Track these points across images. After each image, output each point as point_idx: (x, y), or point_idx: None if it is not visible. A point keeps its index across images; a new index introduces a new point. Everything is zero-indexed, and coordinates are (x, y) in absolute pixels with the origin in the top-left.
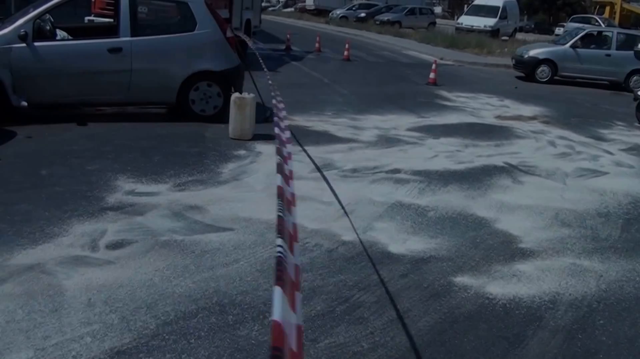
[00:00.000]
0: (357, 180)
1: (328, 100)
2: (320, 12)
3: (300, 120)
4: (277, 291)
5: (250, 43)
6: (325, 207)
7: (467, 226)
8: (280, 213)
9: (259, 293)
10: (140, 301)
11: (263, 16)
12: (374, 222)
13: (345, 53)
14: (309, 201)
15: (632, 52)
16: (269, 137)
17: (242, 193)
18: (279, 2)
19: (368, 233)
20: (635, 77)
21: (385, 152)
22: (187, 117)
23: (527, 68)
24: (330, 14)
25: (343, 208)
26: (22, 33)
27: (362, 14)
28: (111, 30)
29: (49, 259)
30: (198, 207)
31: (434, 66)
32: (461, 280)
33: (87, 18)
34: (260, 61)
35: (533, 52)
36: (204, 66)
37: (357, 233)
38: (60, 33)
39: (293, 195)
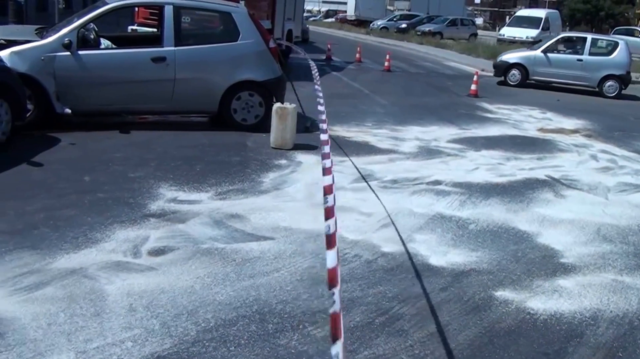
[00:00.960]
0: (397, 191)
1: (368, 110)
2: (360, 23)
3: (341, 131)
4: None
5: (301, 52)
6: (365, 218)
7: (508, 240)
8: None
9: (299, 302)
10: (181, 307)
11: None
12: (414, 234)
13: (386, 64)
14: (348, 211)
15: (605, 58)
16: (309, 147)
17: (282, 203)
18: (319, 12)
19: (408, 244)
20: (609, 83)
21: (426, 163)
22: (228, 126)
23: (500, 72)
24: (371, 25)
25: (390, 217)
26: (66, 42)
27: (403, 25)
28: (155, 40)
29: (91, 264)
30: (239, 216)
31: (475, 77)
32: (502, 294)
33: (130, 27)
34: (315, 72)
35: (505, 57)
36: (246, 76)
37: (398, 244)
38: (105, 42)
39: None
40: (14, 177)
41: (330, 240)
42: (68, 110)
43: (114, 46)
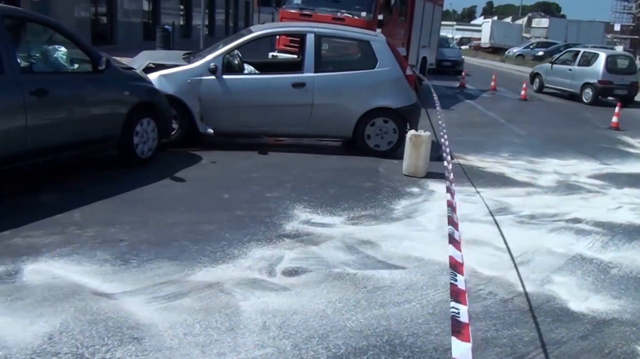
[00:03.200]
0: (534, 227)
1: (504, 140)
2: (495, 50)
3: (475, 161)
4: None
5: (424, 78)
6: (500, 254)
7: None
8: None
9: (430, 337)
10: (312, 330)
11: None
12: (552, 275)
13: (522, 92)
14: (483, 246)
15: (588, 68)
16: (442, 176)
17: (414, 232)
18: (453, 39)
19: (546, 286)
20: (586, 90)
21: (565, 199)
22: (360, 152)
23: (531, 79)
24: (506, 52)
25: (527, 254)
26: (212, 67)
27: (540, 53)
28: (295, 66)
29: (227, 279)
30: (370, 242)
31: (616, 109)
32: None
33: (271, 54)
34: (435, 99)
35: (535, 68)
36: (382, 102)
37: (535, 285)
38: (248, 67)
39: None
40: (158, 191)
41: (456, 267)
42: (210, 130)
43: (256, 71)
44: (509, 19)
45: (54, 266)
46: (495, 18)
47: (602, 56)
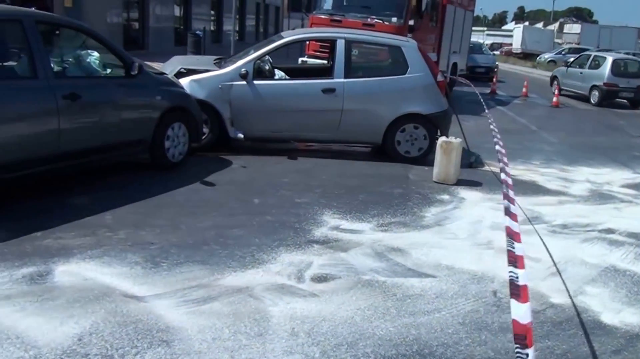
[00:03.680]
0: (567, 237)
1: (535, 148)
2: (527, 56)
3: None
4: None
5: (470, 84)
6: (532, 263)
7: None
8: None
9: (460, 348)
10: (341, 337)
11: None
12: (585, 286)
13: (554, 99)
14: None
15: (595, 71)
16: (473, 183)
17: (444, 240)
18: (484, 44)
19: (579, 297)
20: (593, 92)
21: (598, 208)
22: (390, 158)
23: (550, 82)
24: (537, 58)
25: (559, 265)
26: (243, 72)
27: (572, 59)
28: (325, 72)
29: (257, 284)
30: (400, 250)
31: None
32: None
33: (300, 59)
34: (484, 107)
35: (554, 71)
36: (412, 109)
37: (568, 296)
38: (279, 73)
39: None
40: (188, 195)
41: (520, 293)
42: (241, 135)
43: (287, 77)
44: (540, 25)
45: (85, 267)
46: (527, 23)
47: (609, 59)
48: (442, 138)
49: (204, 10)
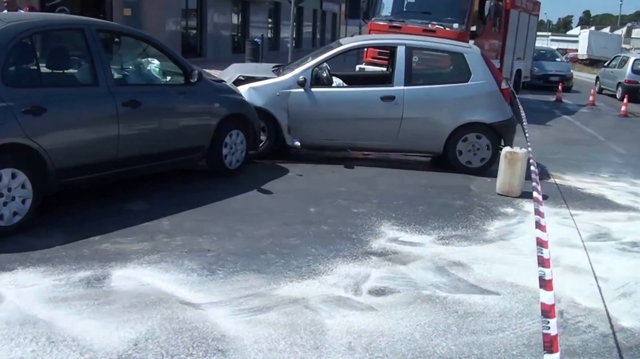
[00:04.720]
0: (637, 255)
1: (603, 159)
2: (593, 62)
3: (573, 181)
4: None
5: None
6: (601, 283)
7: None
8: None
9: None
10: (400, 354)
11: None
12: None
13: (623, 108)
14: (582, 274)
15: (621, 69)
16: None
17: (508, 255)
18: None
19: None
20: (618, 88)
21: None
22: (450, 168)
23: (595, 82)
24: (604, 65)
25: (630, 285)
26: (301, 79)
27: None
28: (384, 79)
29: (313, 295)
30: (462, 264)
31: None
32: None
33: (358, 66)
34: (523, 114)
35: (598, 72)
36: (474, 117)
37: (638, 320)
38: (337, 80)
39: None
40: (245, 202)
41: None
42: (298, 143)
43: (345, 84)
44: (607, 29)
45: (142, 273)
46: (593, 28)
47: (631, 59)
48: (507, 149)
49: (261, 18)
